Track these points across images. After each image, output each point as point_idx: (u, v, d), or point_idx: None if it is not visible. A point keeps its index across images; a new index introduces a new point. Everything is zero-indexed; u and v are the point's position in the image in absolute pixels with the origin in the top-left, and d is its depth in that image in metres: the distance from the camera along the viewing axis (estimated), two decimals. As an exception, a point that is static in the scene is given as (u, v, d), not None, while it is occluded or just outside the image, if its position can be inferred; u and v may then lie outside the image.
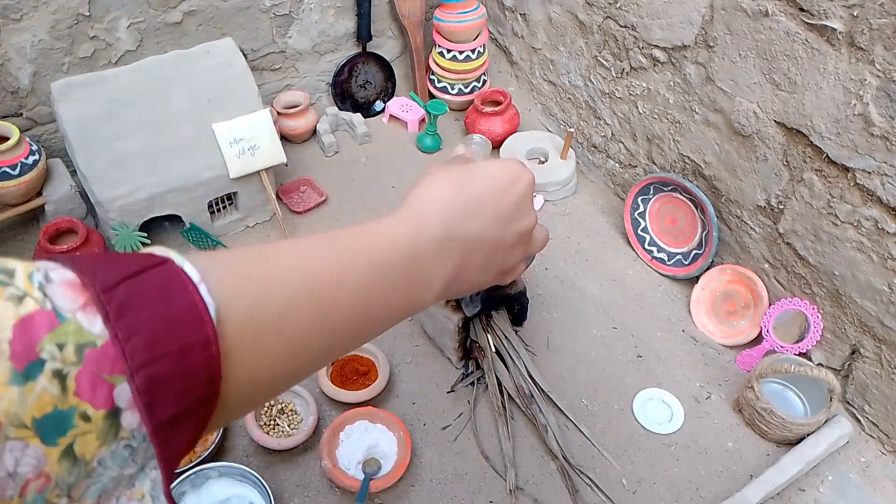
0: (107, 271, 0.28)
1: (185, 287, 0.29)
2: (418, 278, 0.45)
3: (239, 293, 0.32)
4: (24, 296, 0.25)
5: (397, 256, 0.43)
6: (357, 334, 0.42)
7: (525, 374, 1.04)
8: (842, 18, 0.87)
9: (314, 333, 0.37)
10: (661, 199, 1.24)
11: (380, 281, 0.42)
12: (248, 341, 0.32)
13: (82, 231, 1.14)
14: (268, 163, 1.20)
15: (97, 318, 0.26)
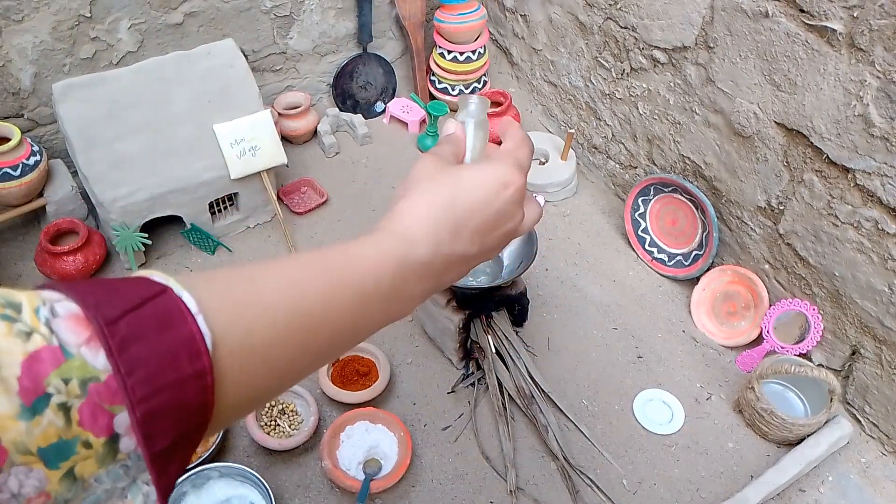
0: (110, 304, 0.30)
1: (184, 318, 0.31)
2: (402, 297, 0.46)
3: (233, 322, 0.34)
4: (32, 332, 0.27)
5: (384, 281, 0.44)
6: (339, 350, 0.44)
7: (525, 374, 1.04)
8: (842, 19, 0.87)
9: (300, 357, 0.40)
10: (661, 199, 1.24)
11: (366, 305, 0.44)
12: (237, 368, 0.34)
13: (83, 232, 1.14)
14: (268, 164, 1.20)
15: (100, 352, 0.28)
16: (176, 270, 1.21)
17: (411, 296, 0.48)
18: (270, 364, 0.37)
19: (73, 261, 1.13)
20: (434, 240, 0.48)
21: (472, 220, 0.49)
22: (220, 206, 1.23)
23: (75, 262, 1.13)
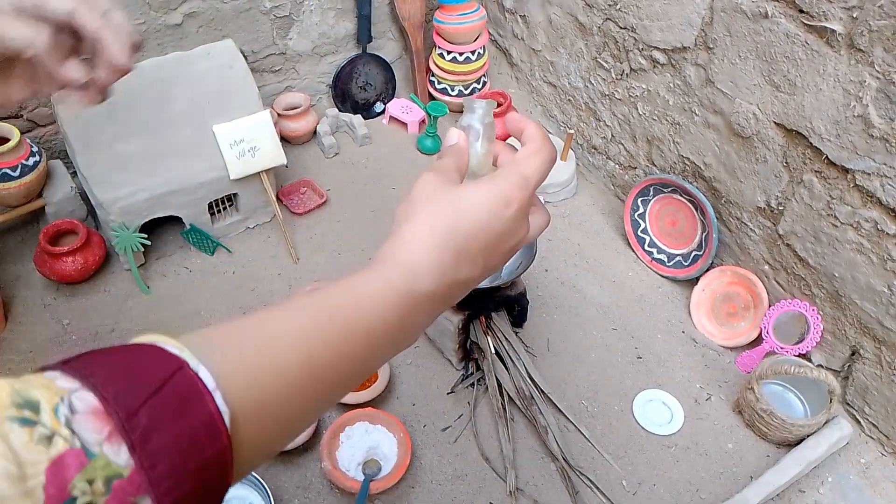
0: (129, 392, 0.30)
1: (202, 398, 0.31)
2: (408, 329, 0.47)
3: (248, 389, 0.35)
4: (53, 434, 0.27)
5: (390, 318, 0.45)
6: (350, 388, 0.45)
7: (525, 375, 1.04)
8: (841, 20, 0.87)
9: (313, 406, 0.41)
10: (660, 200, 1.24)
11: (374, 345, 0.44)
12: (253, 431, 0.35)
13: (83, 232, 1.14)
14: (268, 164, 1.20)
15: (122, 446, 0.28)
16: (175, 272, 1.21)
17: (418, 325, 0.48)
18: (284, 419, 0.38)
19: (73, 261, 1.13)
20: (438, 269, 0.47)
21: (474, 244, 0.49)
22: (219, 206, 1.23)
23: (74, 263, 1.13)
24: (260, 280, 1.21)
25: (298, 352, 0.40)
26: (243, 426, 0.33)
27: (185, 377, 0.31)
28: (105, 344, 1.07)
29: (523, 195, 0.50)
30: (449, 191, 0.50)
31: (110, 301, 1.16)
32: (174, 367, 0.32)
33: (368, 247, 1.27)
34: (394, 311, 0.45)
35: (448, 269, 0.48)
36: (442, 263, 0.48)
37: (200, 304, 1.16)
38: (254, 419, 0.35)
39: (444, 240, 0.48)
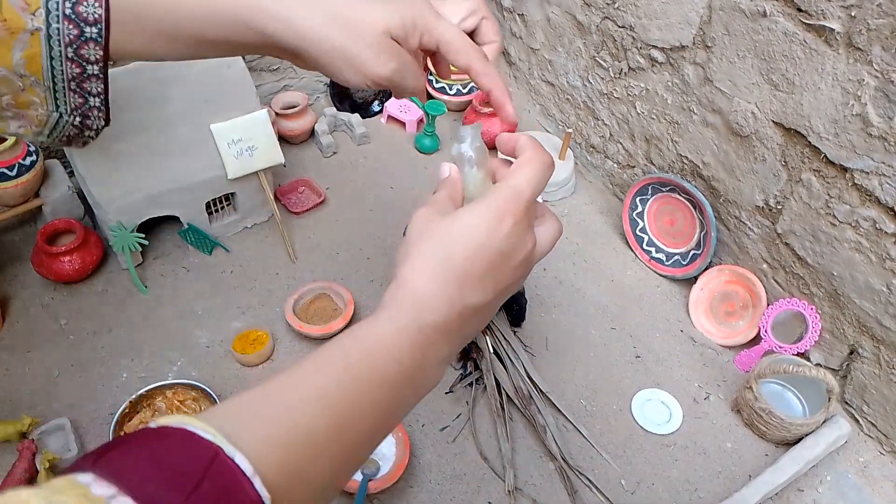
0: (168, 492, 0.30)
1: (242, 487, 0.32)
2: (427, 367, 0.47)
3: (283, 468, 0.36)
4: None
5: (406, 360, 0.45)
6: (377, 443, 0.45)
7: (524, 374, 1.04)
8: (840, 19, 0.87)
9: (342, 469, 0.41)
10: (659, 199, 1.24)
11: (395, 390, 0.45)
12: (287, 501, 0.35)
13: (80, 232, 1.14)
14: (266, 163, 1.20)
15: None
16: (173, 271, 1.21)
17: (437, 361, 0.48)
18: (318, 487, 0.39)
19: (70, 261, 1.13)
20: (443, 299, 0.47)
21: (476, 267, 0.48)
22: (217, 206, 1.23)
23: (72, 263, 1.13)
24: (258, 279, 1.21)
25: (324, 415, 0.40)
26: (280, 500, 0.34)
27: (222, 467, 0.31)
28: (104, 343, 1.07)
29: (516, 208, 0.49)
30: (440, 221, 0.50)
31: (108, 301, 1.16)
32: (210, 457, 0.31)
33: (367, 246, 1.27)
34: (407, 352, 0.45)
35: (454, 297, 0.47)
36: (445, 292, 0.47)
37: (198, 304, 1.16)
38: (288, 490, 0.35)
39: (442, 268, 0.48)
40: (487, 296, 0.49)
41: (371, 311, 1.17)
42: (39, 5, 0.62)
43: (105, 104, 0.71)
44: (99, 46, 0.66)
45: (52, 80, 0.66)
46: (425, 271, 0.48)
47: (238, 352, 1.07)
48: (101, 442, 0.97)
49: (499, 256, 0.49)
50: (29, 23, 0.62)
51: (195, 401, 1.01)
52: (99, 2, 0.63)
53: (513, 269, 0.51)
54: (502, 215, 0.49)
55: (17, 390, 1.03)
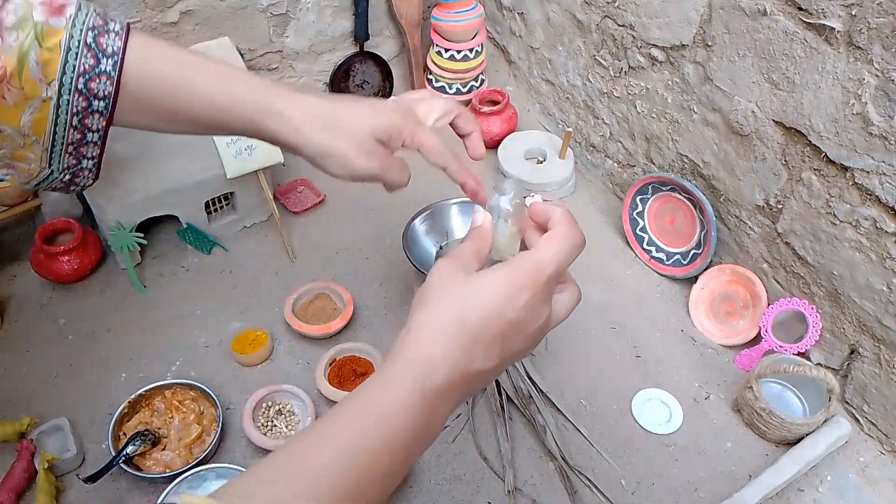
0: None
1: None
2: (432, 423, 0.49)
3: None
4: None
5: (413, 422, 0.47)
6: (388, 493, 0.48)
7: (524, 374, 1.04)
8: (840, 17, 0.87)
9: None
10: (659, 198, 1.24)
11: (403, 445, 0.47)
12: None
13: (79, 232, 1.14)
14: (265, 163, 1.20)
15: None
16: (172, 271, 1.21)
17: (441, 416, 0.50)
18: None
19: (69, 261, 1.12)
20: (450, 361, 0.49)
21: (485, 334, 0.49)
22: (216, 205, 1.22)
23: (71, 263, 1.12)
24: (257, 279, 1.20)
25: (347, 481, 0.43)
26: None
27: None
28: (103, 343, 1.07)
29: (536, 282, 0.51)
30: (460, 280, 0.51)
31: (107, 300, 1.16)
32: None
33: (366, 246, 1.27)
34: (417, 416, 0.47)
35: (460, 360, 0.49)
36: (453, 354, 0.48)
37: (197, 304, 1.16)
38: None
39: (453, 330, 0.49)
40: (493, 362, 0.50)
41: (372, 312, 1.15)
42: (55, 77, 0.66)
43: (97, 166, 0.76)
44: (103, 118, 0.71)
45: (52, 142, 0.69)
46: (436, 331, 0.49)
47: (237, 352, 1.07)
48: (100, 442, 0.97)
49: (511, 326, 0.50)
50: (44, 92, 0.65)
51: (194, 401, 1.00)
52: (111, 80, 0.67)
53: (523, 339, 0.52)
54: (521, 288, 0.50)
55: (16, 390, 1.03)
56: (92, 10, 0.68)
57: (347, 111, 0.68)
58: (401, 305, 1.17)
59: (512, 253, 0.56)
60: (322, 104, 0.68)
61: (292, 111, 0.68)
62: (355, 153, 0.68)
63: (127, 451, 0.92)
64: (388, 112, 0.70)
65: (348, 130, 0.68)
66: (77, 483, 0.92)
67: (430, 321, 0.50)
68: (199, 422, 0.98)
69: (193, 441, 0.96)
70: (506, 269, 0.51)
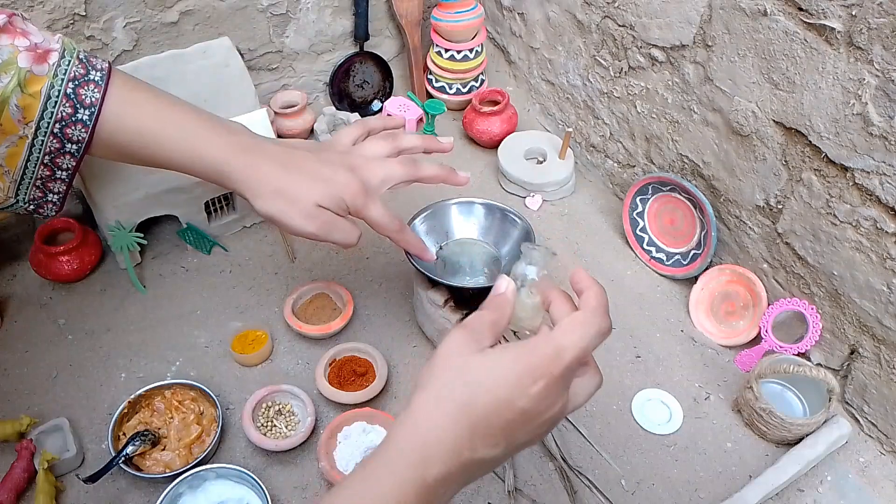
0: None
1: None
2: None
3: None
4: None
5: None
6: None
7: (523, 374, 1.04)
8: (840, 18, 0.87)
9: None
10: (659, 198, 1.24)
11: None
12: None
13: (78, 231, 1.14)
14: (265, 163, 1.20)
15: None
16: (172, 271, 1.21)
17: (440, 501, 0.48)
18: None
19: (68, 261, 1.12)
20: (450, 449, 0.46)
21: (492, 423, 0.46)
22: (216, 205, 1.22)
23: (70, 262, 1.12)
24: (257, 279, 1.20)
25: None
26: None
27: None
28: (102, 343, 1.08)
29: (553, 370, 0.46)
30: (470, 359, 0.47)
31: (106, 300, 1.15)
32: None
33: (365, 245, 1.27)
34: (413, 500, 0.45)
35: (462, 448, 0.46)
36: (455, 443, 0.45)
37: (197, 304, 1.16)
38: None
39: (456, 416, 0.46)
40: (497, 451, 0.47)
41: (372, 312, 1.14)
42: (33, 119, 0.70)
43: (62, 200, 0.84)
44: (74, 159, 0.76)
45: (22, 175, 0.74)
46: (440, 413, 0.46)
47: (237, 352, 1.07)
48: (99, 442, 0.97)
49: (521, 416, 0.47)
50: (21, 130, 0.70)
51: (194, 401, 1.00)
52: (86, 129, 0.73)
53: (533, 428, 0.48)
54: (536, 375, 0.46)
55: (15, 390, 1.03)
56: (75, 58, 0.73)
57: (299, 185, 0.77)
58: (401, 305, 1.17)
59: (533, 326, 0.52)
60: (277, 176, 0.77)
61: (249, 181, 0.77)
62: (299, 218, 0.78)
63: (127, 451, 0.92)
64: (334, 188, 0.79)
65: (297, 201, 0.77)
66: (77, 483, 0.92)
67: (434, 404, 0.47)
68: (199, 422, 0.98)
69: (193, 441, 0.96)
70: (521, 350, 0.47)
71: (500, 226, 1.09)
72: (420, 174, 0.88)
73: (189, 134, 0.77)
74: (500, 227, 1.09)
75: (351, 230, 0.84)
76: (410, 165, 0.87)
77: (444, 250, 1.08)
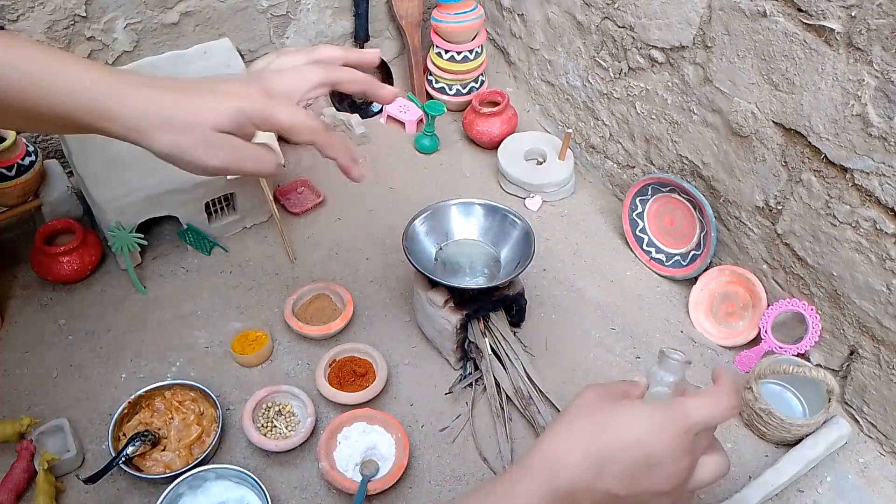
0: None
1: None
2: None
3: None
4: None
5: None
6: None
7: (523, 375, 1.04)
8: (840, 19, 0.87)
9: None
10: (659, 199, 1.24)
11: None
12: None
13: (79, 232, 1.14)
14: (265, 164, 1.20)
15: None
16: (172, 272, 1.21)
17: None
18: None
19: (69, 261, 1.12)
20: (575, 469, 0.50)
21: (619, 457, 0.50)
22: (216, 206, 1.23)
23: (70, 263, 1.12)
24: (257, 279, 1.20)
25: None
26: None
27: None
28: (103, 344, 1.08)
29: (678, 427, 0.51)
30: (604, 405, 0.53)
31: (107, 301, 1.16)
32: None
33: (366, 246, 1.27)
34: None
35: (586, 472, 0.50)
36: (580, 465, 0.50)
37: (197, 304, 1.16)
38: None
39: (586, 443, 0.50)
40: (618, 489, 0.50)
41: (372, 312, 1.15)
42: None
43: None
44: None
45: None
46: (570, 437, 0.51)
47: (237, 352, 1.07)
48: (100, 442, 0.97)
49: (646, 459, 0.50)
50: None
51: (194, 402, 1.00)
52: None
53: (657, 480, 0.51)
54: (664, 427, 0.51)
55: (16, 390, 1.03)
56: None
57: (187, 106, 0.63)
58: (401, 306, 1.17)
59: None
60: (166, 103, 0.63)
61: (135, 117, 0.62)
62: (200, 151, 0.62)
63: (127, 451, 0.92)
64: (231, 100, 0.64)
65: (188, 126, 0.62)
66: (77, 483, 0.92)
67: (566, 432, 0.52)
68: (199, 422, 0.98)
69: (193, 441, 0.96)
70: (652, 405, 0.52)
71: (500, 226, 1.09)
72: (337, 76, 0.72)
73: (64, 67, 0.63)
74: (499, 227, 1.09)
75: (264, 156, 0.68)
76: (325, 68, 0.72)
77: (444, 251, 1.09)
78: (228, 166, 0.65)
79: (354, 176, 0.73)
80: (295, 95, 0.68)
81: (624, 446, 0.50)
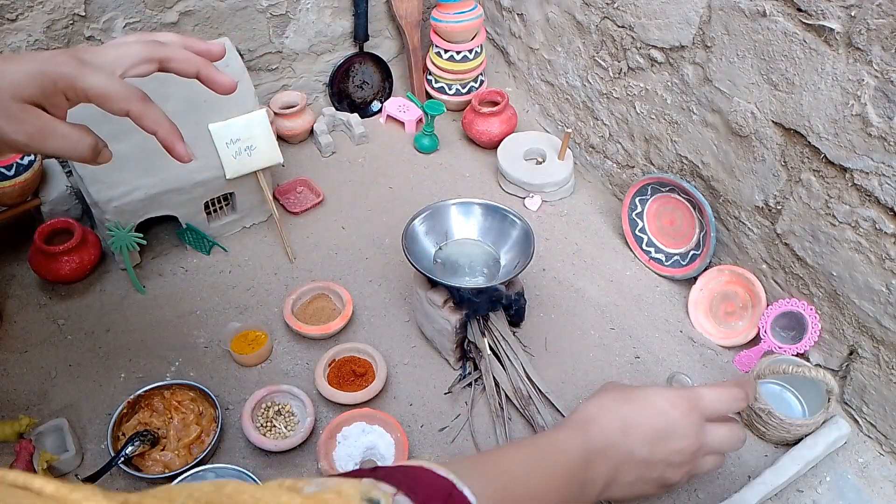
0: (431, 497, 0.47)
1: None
2: (587, 477, 0.63)
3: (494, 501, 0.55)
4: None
5: (575, 463, 0.63)
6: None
7: (523, 375, 1.04)
8: (839, 18, 0.87)
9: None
10: (658, 199, 1.24)
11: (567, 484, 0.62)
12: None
13: (78, 232, 1.14)
14: (264, 163, 1.20)
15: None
16: (171, 271, 1.21)
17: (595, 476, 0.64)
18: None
19: (68, 261, 1.12)
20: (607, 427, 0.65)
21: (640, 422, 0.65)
22: (215, 206, 1.22)
23: (70, 263, 1.12)
24: (256, 279, 1.20)
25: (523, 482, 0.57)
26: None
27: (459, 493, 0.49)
28: (102, 343, 1.08)
29: (689, 405, 0.67)
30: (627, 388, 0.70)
31: (106, 301, 1.15)
32: (450, 485, 0.49)
33: (365, 246, 1.27)
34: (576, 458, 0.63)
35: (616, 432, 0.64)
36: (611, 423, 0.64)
37: (197, 304, 1.16)
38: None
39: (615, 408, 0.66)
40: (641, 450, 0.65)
41: (372, 312, 1.15)
42: None
43: None
44: None
45: None
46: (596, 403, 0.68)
47: (236, 352, 1.07)
48: (99, 442, 0.97)
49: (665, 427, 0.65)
50: None
51: (193, 401, 1.00)
52: None
53: (670, 450, 0.66)
54: (677, 404, 0.66)
55: (15, 390, 1.03)
56: None
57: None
58: (400, 306, 1.17)
59: None
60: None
61: None
62: (3, 121, 0.56)
63: (126, 451, 0.92)
64: (33, 62, 0.58)
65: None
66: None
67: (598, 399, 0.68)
68: (199, 422, 0.98)
69: (192, 441, 0.96)
70: (667, 390, 0.68)
71: (500, 226, 1.09)
72: (165, 54, 0.65)
73: None
74: (499, 227, 1.09)
75: (74, 134, 0.61)
76: (154, 45, 0.65)
77: (444, 250, 1.09)
78: (30, 143, 0.59)
79: (179, 153, 0.67)
80: (115, 68, 0.62)
81: (646, 413, 0.64)
